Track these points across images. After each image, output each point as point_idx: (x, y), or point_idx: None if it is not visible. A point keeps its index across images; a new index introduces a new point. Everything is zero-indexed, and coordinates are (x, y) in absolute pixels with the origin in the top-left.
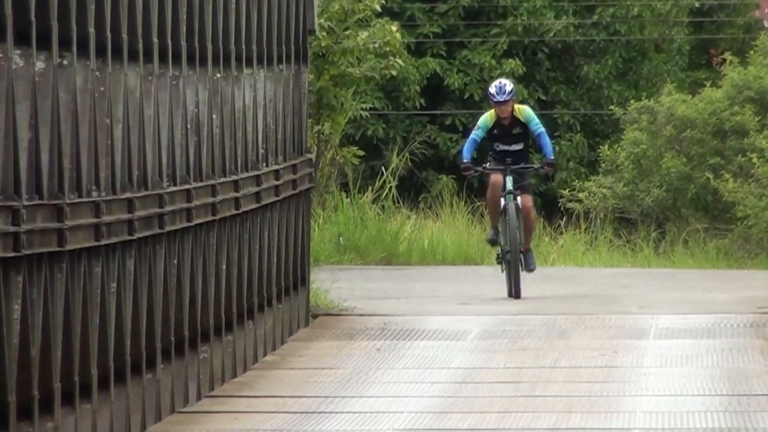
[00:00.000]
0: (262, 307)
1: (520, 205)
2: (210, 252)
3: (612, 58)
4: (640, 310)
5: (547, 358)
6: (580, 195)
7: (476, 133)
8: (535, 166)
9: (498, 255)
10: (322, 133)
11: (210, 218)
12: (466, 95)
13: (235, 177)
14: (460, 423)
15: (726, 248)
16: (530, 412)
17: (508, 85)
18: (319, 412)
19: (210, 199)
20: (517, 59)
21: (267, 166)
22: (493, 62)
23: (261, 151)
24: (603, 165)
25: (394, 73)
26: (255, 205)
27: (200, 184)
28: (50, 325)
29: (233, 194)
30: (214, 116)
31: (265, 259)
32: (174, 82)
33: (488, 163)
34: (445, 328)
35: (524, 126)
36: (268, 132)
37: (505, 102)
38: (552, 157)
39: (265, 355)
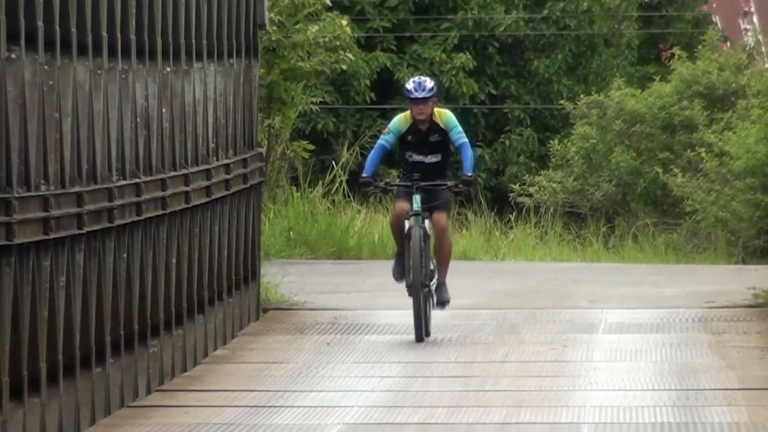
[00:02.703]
0: (213, 301)
1: (432, 224)
2: (160, 246)
3: (562, 53)
4: (589, 304)
5: (497, 352)
6: (531, 189)
7: (385, 138)
8: (448, 183)
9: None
10: (273, 127)
11: (160, 212)
12: None
13: (185, 171)
14: (410, 417)
15: (675, 243)
16: (480, 406)
17: (429, 81)
18: (270, 407)
19: (160, 193)
20: (467, 53)
21: (217, 160)
22: (444, 56)
23: (211, 145)
24: (553, 159)
25: (344, 67)
26: (205, 199)
27: (150, 178)
28: None
29: (183, 188)
30: (164, 110)
31: (216, 253)
32: (123, 76)
33: (398, 178)
34: (396, 323)
35: (444, 134)
36: (219, 126)
37: (424, 101)
38: (470, 174)
39: (215, 349)
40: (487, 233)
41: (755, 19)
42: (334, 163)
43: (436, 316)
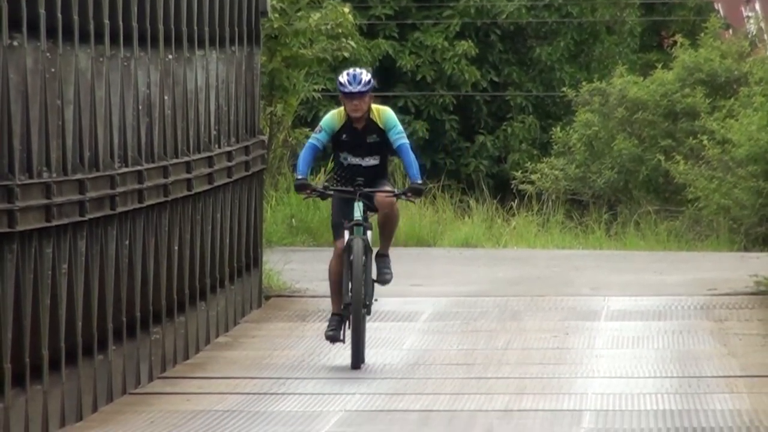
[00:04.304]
0: (215, 289)
1: (376, 203)
2: (162, 233)
3: (564, 40)
4: (591, 291)
5: (499, 339)
6: (533, 177)
7: (317, 137)
8: (396, 192)
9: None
10: (275, 115)
11: (162, 199)
12: (419, 77)
13: (187, 158)
14: (412, 405)
15: (677, 230)
16: (482, 393)
17: (365, 74)
18: (272, 394)
19: (162, 180)
20: (469, 41)
21: (219, 147)
22: (446, 44)
23: (213, 132)
24: (555, 147)
25: (346, 54)
26: (207, 187)
27: (152, 165)
28: (0, 306)
29: (185, 175)
30: (165, 97)
31: (218, 240)
32: (125, 64)
33: (335, 182)
34: (398, 310)
35: (383, 134)
36: (221, 113)
37: (359, 96)
38: (419, 181)
39: (217, 336)
40: (489, 220)
41: (757, 6)
42: None
43: (439, 303)
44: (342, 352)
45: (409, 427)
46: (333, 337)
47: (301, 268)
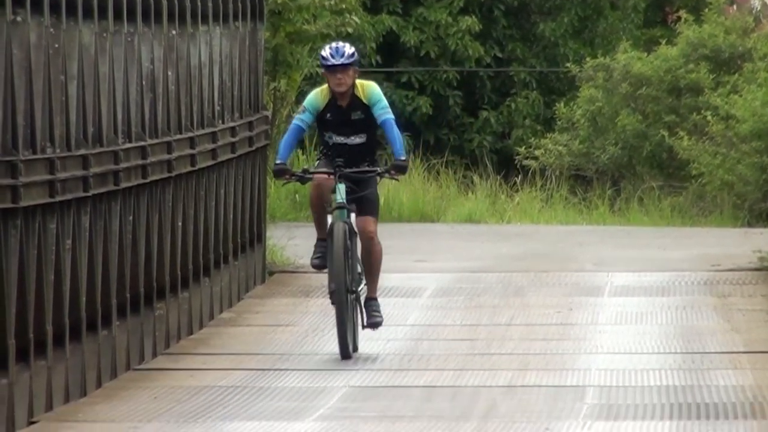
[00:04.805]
0: (218, 264)
1: (358, 231)
2: (166, 209)
3: (568, 16)
4: (595, 267)
5: (502, 315)
6: (536, 152)
7: (301, 118)
8: (378, 170)
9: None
10: (278, 90)
11: (166, 175)
12: (422, 53)
13: (191, 134)
14: (416, 380)
15: (680, 206)
16: (486, 369)
17: (349, 47)
18: (275, 369)
19: (166, 156)
20: (473, 16)
21: (223, 122)
22: (450, 19)
23: (217, 107)
24: (559, 122)
25: (350, 30)
26: (211, 162)
27: (156, 140)
28: (4, 281)
29: (189, 151)
30: (169, 73)
31: (221, 215)
32: (129, 39)
33: (317, 163)
34: (401, 285)
35: (368, 110)
36: (224, 89)
37: (342, 69)
38: (404, 158)
39: (221, 311)
40: (492, 196)
41: None
42: None
43: (442, 278)
44: None
45: (412, 402)
46: (319, 265)
47: (305, 244)
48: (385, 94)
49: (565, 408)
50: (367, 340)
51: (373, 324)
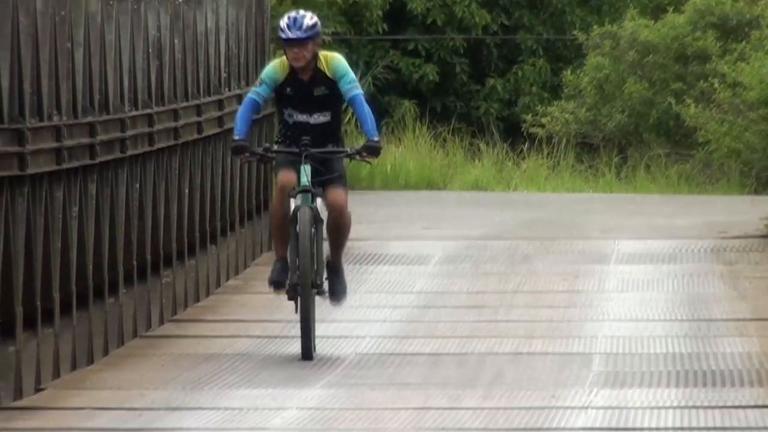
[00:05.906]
0: (225, 232)
1: (328, 203)
2: (172, 176)
3: None
4: (601, 235)
5: (509, 283)
6: (543, 120)
7: (257, 91)
8: (349, 151)
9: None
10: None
11: (172, 142)
12: (429, 20)
13: (197, 101)
14: (422, 348)
15: (687, 173)
16: (492, 337)
17: (309, 18)
18: (282, 337)
19: (172, 124)
20: None
21: (229, 90)
22: None
23: (223, 75)
24: (566, 90)
25: None
26: (217, 130)
27: (162, 108)
28: (11, 249)
29: (195, 118)
30: (175, 40)
31: (228, 183)
32: (135, 6)
33: (276, 144)
34: (408, 253)
35: (333, 85)
36: (231, 56)
37: (299, 43)
38: (376, 139)
39: (227, 279)
40: (499, 164)
41: None
42: None
43: (449, 246)
44: (352, 296)
45: (419, 369)
46: (278, 282)
47: None
48: (391, 62)
49: (571, 375)
50: (374, 307)
51: (336, 300)
